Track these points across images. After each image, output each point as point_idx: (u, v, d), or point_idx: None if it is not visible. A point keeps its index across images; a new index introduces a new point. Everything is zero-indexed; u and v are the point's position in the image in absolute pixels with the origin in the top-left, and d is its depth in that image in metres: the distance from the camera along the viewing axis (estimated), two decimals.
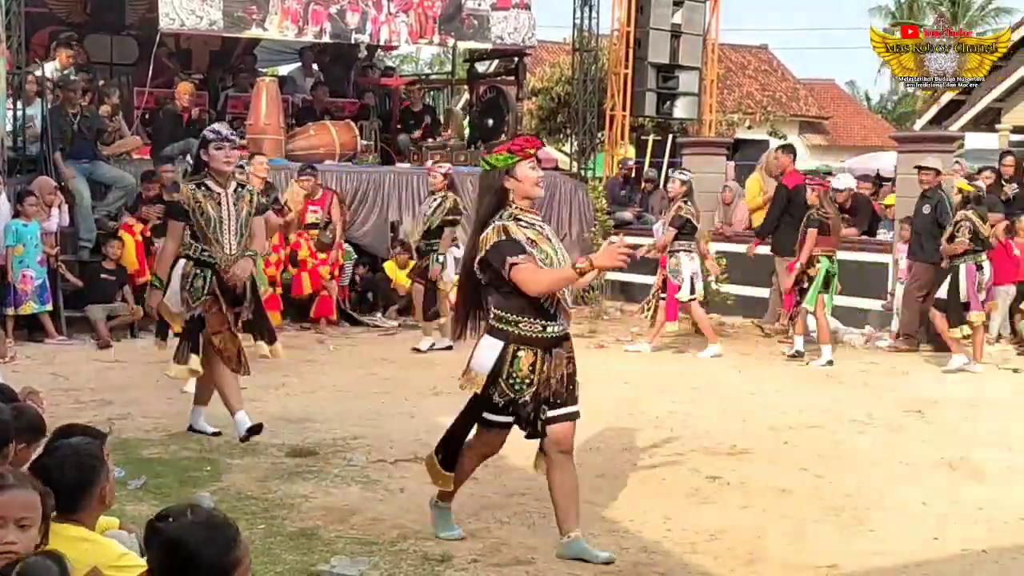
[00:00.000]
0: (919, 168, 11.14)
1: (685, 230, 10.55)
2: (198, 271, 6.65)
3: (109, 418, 7.08)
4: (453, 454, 5.02)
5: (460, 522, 5.27)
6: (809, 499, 5.84)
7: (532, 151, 4.92)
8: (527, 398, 4.78)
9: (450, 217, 10.43)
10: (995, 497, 5.89)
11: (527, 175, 4.86)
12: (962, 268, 10.04)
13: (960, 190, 10.41)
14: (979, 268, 10.11)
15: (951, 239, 10.11)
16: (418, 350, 10.46)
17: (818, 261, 10.34)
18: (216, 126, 7.08)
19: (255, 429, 6.70)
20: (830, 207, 10.59)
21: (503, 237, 4.75)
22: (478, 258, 4.83)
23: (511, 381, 4.77)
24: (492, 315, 4.87)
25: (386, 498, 5.72)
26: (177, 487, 5.73)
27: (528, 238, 4.80)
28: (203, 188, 6.66)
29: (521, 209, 4.87)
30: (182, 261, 6.68)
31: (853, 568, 4.86)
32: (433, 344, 10.52)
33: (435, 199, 10.53)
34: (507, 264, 4.69)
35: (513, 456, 6.57)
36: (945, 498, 5.88)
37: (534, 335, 4.79)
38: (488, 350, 4.81)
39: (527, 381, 4.77)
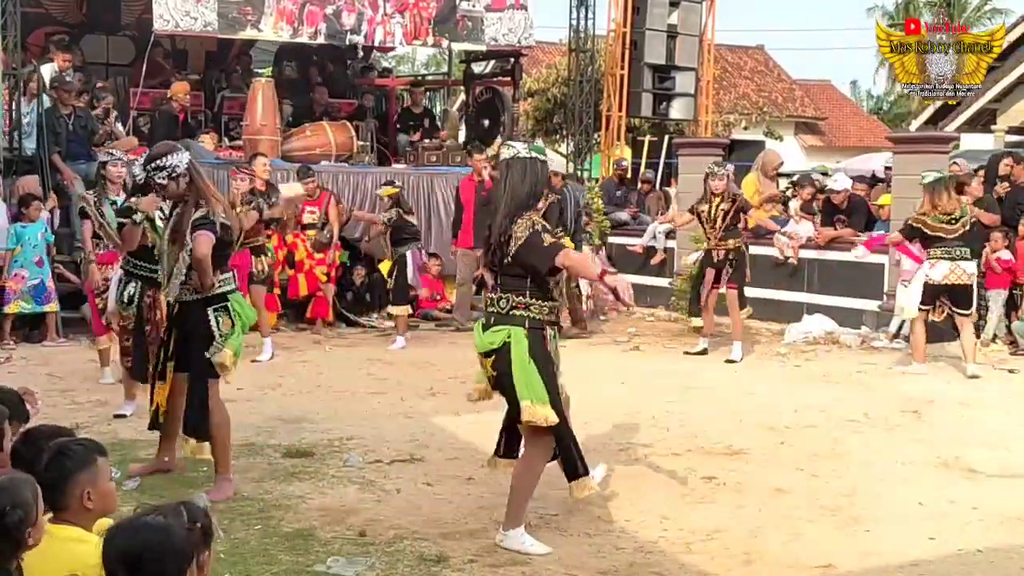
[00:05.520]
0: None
1: None
2: None
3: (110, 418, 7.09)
4: None
5: (456, 522, 5.28)
6: (805, 499, 5.84)
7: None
8: None
9: None
10: (991, 497, 5.90)
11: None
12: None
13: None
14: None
15: None
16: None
17: None
18: None
19: None
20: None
21: None
22: None
23: None
24: None
25: (383, 499, 5.72)
26: (173, 488, 5.73)
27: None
28: None
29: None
30: None
31: (849, 568, 4.87)
32: None
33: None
34: None
35: None
36: (941, 498, 5.88)
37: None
38: None
39: None
